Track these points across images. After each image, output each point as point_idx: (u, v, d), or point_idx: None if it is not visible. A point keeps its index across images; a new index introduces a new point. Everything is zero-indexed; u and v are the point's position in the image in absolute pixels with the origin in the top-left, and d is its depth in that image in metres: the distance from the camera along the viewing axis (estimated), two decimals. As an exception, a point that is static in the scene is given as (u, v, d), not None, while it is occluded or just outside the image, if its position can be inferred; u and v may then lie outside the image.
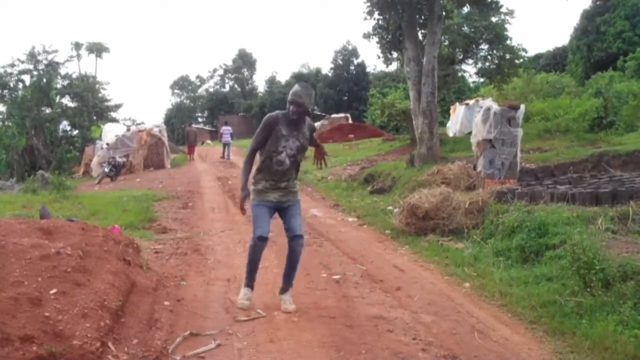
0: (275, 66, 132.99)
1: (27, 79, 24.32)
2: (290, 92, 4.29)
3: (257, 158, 4.42)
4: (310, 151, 4.54)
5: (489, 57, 18.79)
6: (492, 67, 18.79)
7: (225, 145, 23.98)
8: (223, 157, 23.36)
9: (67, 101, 26.30)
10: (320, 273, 5.42)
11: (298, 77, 56.87)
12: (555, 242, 5.18)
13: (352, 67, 53.26)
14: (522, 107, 8.88)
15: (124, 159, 18.60)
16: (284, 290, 4.39)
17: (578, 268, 4.24)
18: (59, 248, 3.86)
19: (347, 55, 53.56)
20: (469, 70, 22.22)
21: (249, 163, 4.41)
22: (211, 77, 65.51)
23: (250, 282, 4.40)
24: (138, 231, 7.38)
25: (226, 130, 24.56)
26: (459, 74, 21.80)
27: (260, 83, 79.82)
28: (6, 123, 23.23)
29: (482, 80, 23.79)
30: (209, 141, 39.35)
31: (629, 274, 4.06)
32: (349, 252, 6.33)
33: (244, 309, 4.27)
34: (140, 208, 9.25)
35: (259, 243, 4.22)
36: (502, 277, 4.98)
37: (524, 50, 19.42)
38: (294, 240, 4.26)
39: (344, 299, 4.61)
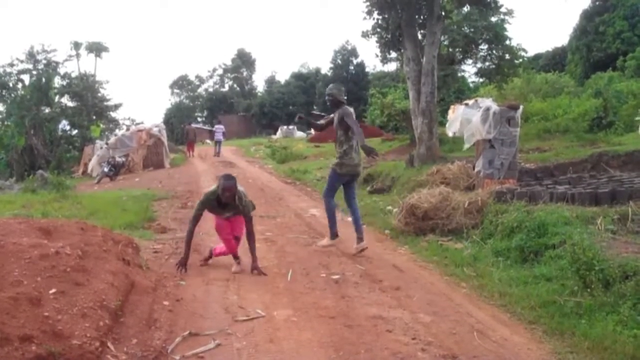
0: (275, 66, 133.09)
1: (26, 78, 24.31)
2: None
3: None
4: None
5: (488, 57, 18.76)
6: (491, 67, 18.76)
7: (217, 142, 24.73)
8: (216, 154, 23.74)
9: (66, 101, 26.30)
10: (319, 273, 5.42)
11: (297, 77, 57.00)
12: (555, 242, 5.18)
13: (351, 67, 53.38)
14: (520, 107, 8.88)
15: (124, 159, 18.60)
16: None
17: (578, 268, 4.24)
18: (58, 248, 3.86)
19: (347, 55, 53.65)
20: (469, 70, 22.18)
21: None
22: (210, 76, 65.58)
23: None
24: (137, 231, 7.37)
25: (219, 128, 25.26)
26: (459, 74, 21.77)
27: (259, 83, 79.94)
28: (5, 123, 23.20)
29: (481, 80, 23.76)
30: (208, 140, 39.34)
31: (628, 274, 4.06)
32: (348, 252, 6.33)
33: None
34: (139, 208, 9.23)
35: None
36: (502, 277, 4.98)
37: (524, 50, 19.39)
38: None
39: (343, 299, 4.61)
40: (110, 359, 3.18)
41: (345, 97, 6.46)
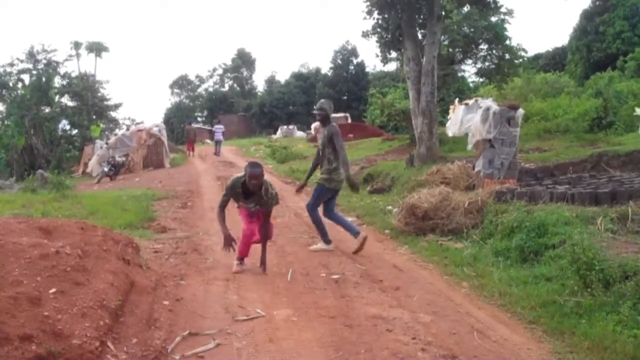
0: (275, 66, 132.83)
1: (26, 78, 24.30)
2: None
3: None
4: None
5: (488, 57, 18.78)
6: (491, 67, 18.79)
7: (217, 142, 25.06)
8: (216, 154, 23.94)
9: (66, 100, 26.28)
10: (319, 273, 5.42)
11: (297, 77, 56.98)
12: (555, 242, 5.18)
13: (351, 67, 53.29)
14: (521, 110, 8.87)
15: (124, 159, 18.62)
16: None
17: (578, 268, 4.24)
18: (58, 247, 3.86)
19: (347, 55, 53.56)
20: (469, 70, 22.24)
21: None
22: (210, 76, 65.52)
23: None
24: (137, 230, 7.37)
25: (218, 128, 25.58)
26: (459, 74, 21.78)
27: (259, 82, 79.88)
28: (5, 122, 23.20)
29: (481, 80, 23.79)
30: (208, 140, 39.32)
31: (628, 274, 4.06)
32: (348, 252, 6.32)
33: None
34: (139, 207, 9.24)
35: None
36: (502, 277, 4.98)
37: (524, 50, 19.42)
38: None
39: (343, 298, 4.61)
40: (110, 359, 3.18)
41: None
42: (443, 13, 13.35)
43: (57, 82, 25.71)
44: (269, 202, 5.31)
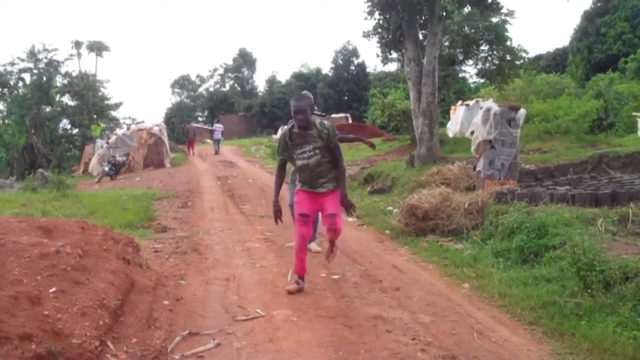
0: (276, 66, 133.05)
1: (27, 77, 24.28)
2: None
3: None
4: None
5: (489, 57, 18.78)
6: (492, 67, 18.78)
7: (217, 141, 25.72)
8: (216, 153, 24.25)
9: (67, 100, 26.28)
10: (319, 273, 5.42)
11: (298, 77, 56.98)
12: (555, 243, 5.17)
13: (352, 67, 53.27)
14: (523, 110, 8.87)
15: (124, 158, 18.63)
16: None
17: (578, 269, 4.23)
18: (58, 247, 3.86)
19: (348, 55, 53.56)
20: (470, 71, 22.26)
21: None
22: (211, 76, 65.52)
23: None
24: (137, 230, 7.38)
25: (218, 127, 25.95)
26: (460, 75, 21.79)
27: (260, 82, 80.00)
28: (6, 121, 23.21)
29: (482, 81, 23.79)
30: (208, 140, 39.33)
31: (629, 276, 4.06)
32: (348, 252, 6.32)
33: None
34: (139, 207, 9.24)
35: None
36: (502, 278, 4.98)
37: (525, 51, 19.43)
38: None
39: (343, 299, 4.61)
40: (109, 358, 3.18)
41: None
42: (444, 13, 13.36)
43: (58, 81, 25.71)
44: (330, 133, 4.54)
